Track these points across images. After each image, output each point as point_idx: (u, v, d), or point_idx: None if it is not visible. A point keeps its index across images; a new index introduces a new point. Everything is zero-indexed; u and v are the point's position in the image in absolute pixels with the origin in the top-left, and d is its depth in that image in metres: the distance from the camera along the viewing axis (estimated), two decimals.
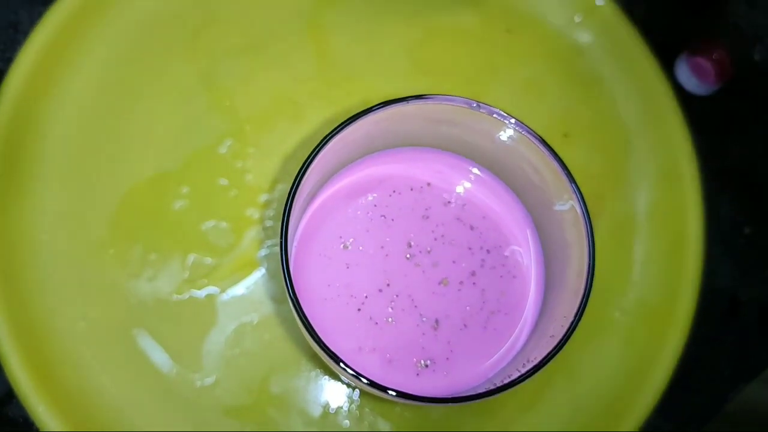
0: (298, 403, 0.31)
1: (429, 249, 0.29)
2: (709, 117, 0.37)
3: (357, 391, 0.31)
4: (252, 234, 0.33)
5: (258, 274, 0.32)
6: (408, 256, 0.29)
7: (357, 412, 0.31)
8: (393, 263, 0.29)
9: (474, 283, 0.29)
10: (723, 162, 0.37)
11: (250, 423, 0.31)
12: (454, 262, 0.29)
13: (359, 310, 0.28)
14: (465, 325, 0.29)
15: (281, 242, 0.24)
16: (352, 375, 0.24)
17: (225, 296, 0.32)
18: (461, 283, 0.29)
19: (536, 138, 0.26)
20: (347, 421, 0.31)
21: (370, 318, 0.28)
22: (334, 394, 0.31)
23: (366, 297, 0.28)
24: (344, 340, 0.28)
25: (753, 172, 0.37)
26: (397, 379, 0.27)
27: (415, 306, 0.29)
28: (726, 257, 0.35)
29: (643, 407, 0.32)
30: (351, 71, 0.35)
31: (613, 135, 0.36)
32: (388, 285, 0.29)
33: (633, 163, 0.35)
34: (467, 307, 0.29)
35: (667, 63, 0.36)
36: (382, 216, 0.30)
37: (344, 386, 0.31)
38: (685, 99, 0.36)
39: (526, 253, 0.30)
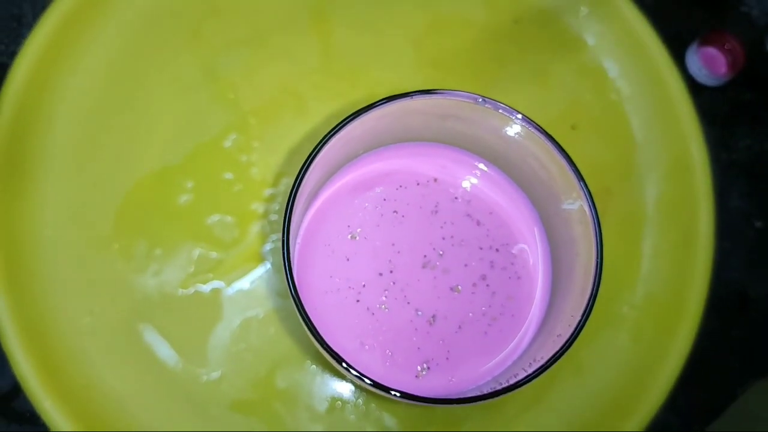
0: (304, 398, 0.31)
1: (441, 252, 0.29)
2: (720, 108, 0.36)
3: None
4: (257, 228, 0.33)
5: (263, 269, 0.32)
6: (423, 264, 0.29)
7: (363, 407, 0.31)
8: (404, 264, 0.29)
9: (487, 285, 0.29)
10: (734, 154, 0.36)
11: (256, 418, 0.31)
12: (465, 265, 0.29)
13: (358, 301, 0.28)
14: (471, 324, 0.28)
15: (283, 239, 0.24)
16: (356, 376, 0.23)
17: (230, 291, 0.32)
18: (474, 285, 0.29)
19: (543, 134, 0.26)
20: (353, 416, 0.31)
21: (367, 308, 0.28)
22: (340, 389, 0.31)
23: (364, 286, 0.28)
24: (346, 336, 0.28)
25: (764, 164, 0.36)
26: (400, 377, 0.27)
27: (416, 304, 0.28)
28: (736, 251, 0.35)
29: (651, 403, 0.32)
30: (356, 63, 0.35)
31: (621, 127, 0.35)
32: (391, 271, 0.28)
33: (642, 155, 0.35)
34: (473, 310, 0.29)
35: (677, 54, 0.36)
36: (394, 212, 0.29)
37: (350, 381, 0.31)
38: (695, 90, 0.35)
39: (533, 250, 0.30)
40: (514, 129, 0.27)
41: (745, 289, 0.35)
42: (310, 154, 0.24)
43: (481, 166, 0.30)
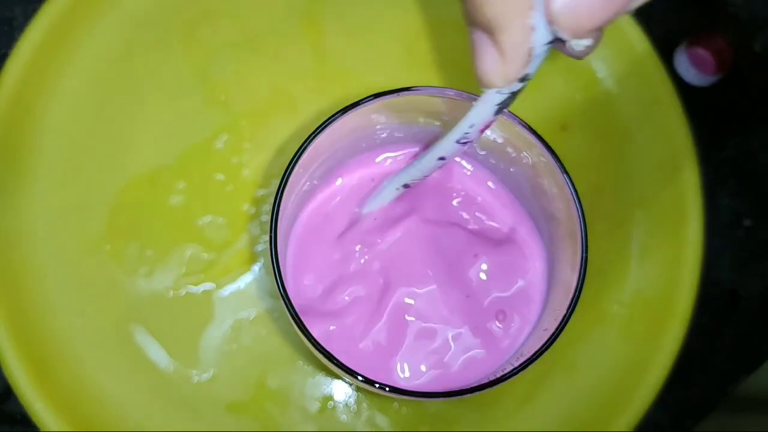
0: (295, 399, 0.31)
1: (433, 247, 0.29)
2: (709, 108, 0.36)
3: (354, 386, 0.31)
4: (248, 229, 0.33)
5: (255, 270, 0.32)
6: (418, 265, 0.29)
7: (355, 406, 0.31)
8: (397, 264, 0.29)
9: (482, 286, 0.29)
10: (723, 153, 0.36)
11: (248, 418, 0.31)
12: (460, 266, 0.29)
13: (349, 300, 0.28)
14: (464, 323, 0.29)
15: (271, 239, 0.24)
16: (348, 373, 0.23)
17: (222, 292, 0.32)
18: (469, 286, 0.29)
19: (529, 131, 0.26)
20: (345, 416, 0.31)
21: (358, 307, 0.28)
22: (332, 389, 0.31)
23: (354, 285, 0.28)
24: (336, 335, 0.28)
25: (753, 163, 0.36)
26: (390, 374, 0.27)
27: (408, 302, 0.28)
28: (726, 249, 0.35)
29: (641, 400, 0.32)
30: (347, 65, 0.35)
31: (611, 127, 0.35)
32: (383, 270, 0.28)
33: (632, 155, 0.35)
34: (467, 310, 0.29)
35: (666, 54, 0.36)
36: (386, 213, 0.29)
37: (342, 381, 0.31)
38: (684, 90, 0.35)
39: (525, 249, 0.30)
40: (499, 126, 0.27)
41: (734, 287, 0.35)
42: (296, 153, 0.24)
43: (469, 165, 0.31)
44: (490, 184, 0.30)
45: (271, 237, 0.24)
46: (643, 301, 0.33)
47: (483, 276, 0.29)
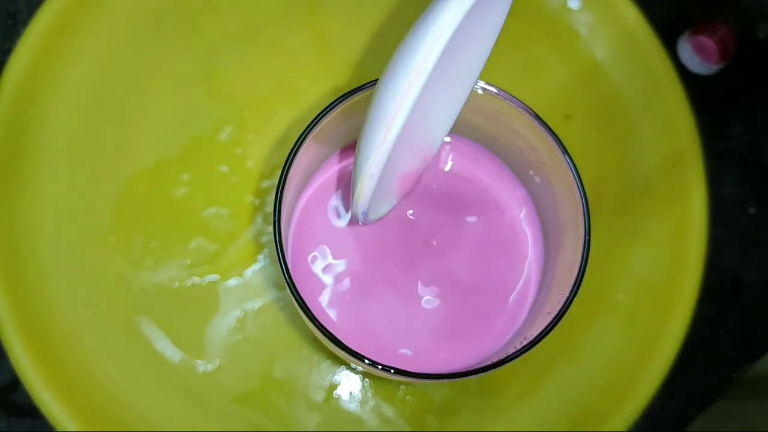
0: (301, 388, 0.31)
1: (436, 237, 0.29)
2: (712, 96, 0.36)
3: (360, 375, 0.31)
4: (253, 220, 0.33)
5: (260, 260, 0.32)
6: (418, 248, 0.29)
7: (360, 395, 0.31)
8: (399, 248, 0.29)
9: (483, 268, 0.29)
10: (726, 142, 0.36)
11: (254, 408, 0.31)
12: (460, 250, 0.29)
13: (353, 285, 0.28)
14: (467, 307, 0.29)
15: (275, 225, 0.24)
16: (355, 357, 0.24)
17: (227, 283, 0.32)
18: (470, 268, 0.29)
19: (532, 115, 0.26)
20: (351, 406, 0.31)
21: (363, 291, 0.28)
22: (337, 378, 0.31)
23: (358, 270, 0.28)
24: (342, 320, 0.28)
25: (757, 151, 0.36)
26: (396, 358, 0.27)
27: (411, 286, 0.29)
28: (730, 237, 0.35)
29: (646, 389, 0.32)
30: (350, 55, 0.35)
31: (615, 116, 0.36)
32: (385, 255, 0.29)
33: (635, 144, 0.35)
34: (469, 293, 0.29)
35: (669, 42, 0.36)
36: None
37: (347, 370, 0.31)
38: (687, 79, 0.35)
39: (524, 231, 0.30)
40: (502, 111, 0.27)
41: (738, 274, 0.35)
42: (297, 140, 0.24)
43: (471, 148, 0.31)
44: (491, 166, 0.31)
45: (274, 225, 0.24)
46: (647, 290, 0.33)
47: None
